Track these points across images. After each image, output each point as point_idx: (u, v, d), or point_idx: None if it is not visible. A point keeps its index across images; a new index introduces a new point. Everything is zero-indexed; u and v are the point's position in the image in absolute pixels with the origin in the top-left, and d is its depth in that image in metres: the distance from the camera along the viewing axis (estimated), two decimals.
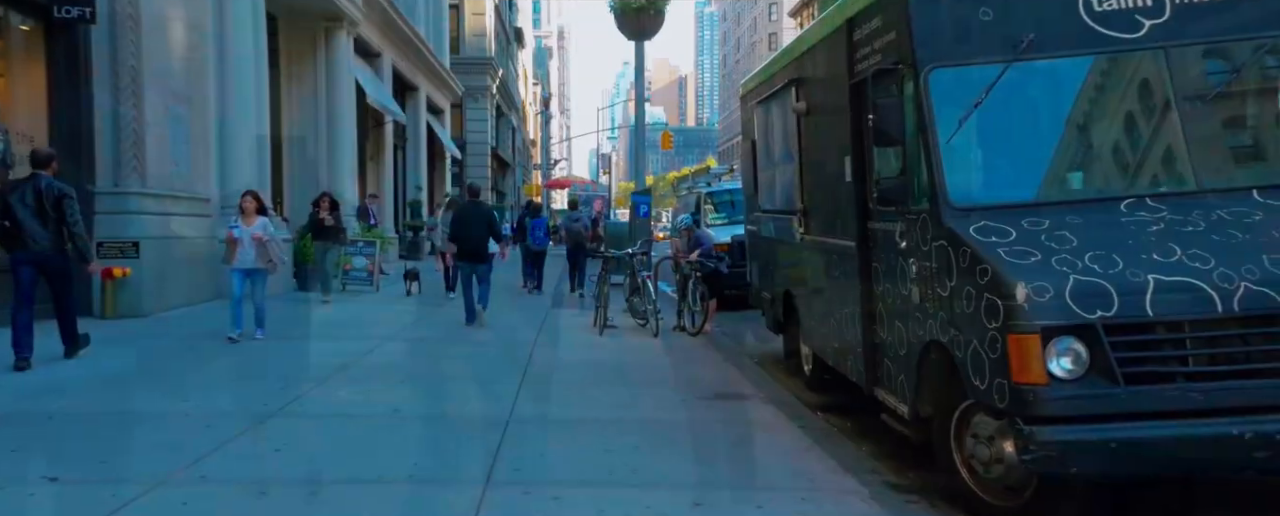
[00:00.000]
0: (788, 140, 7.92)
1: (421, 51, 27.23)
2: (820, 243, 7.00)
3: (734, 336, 12.02)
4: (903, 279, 5.14)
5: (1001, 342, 3.93)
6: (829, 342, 7.01)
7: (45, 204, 7.41)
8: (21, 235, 7.38)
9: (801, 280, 7.77)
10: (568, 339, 10.73)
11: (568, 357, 9.30)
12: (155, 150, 11.59)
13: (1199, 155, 4.53)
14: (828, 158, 6.71)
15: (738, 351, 10.42)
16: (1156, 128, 4.69)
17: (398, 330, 10.86)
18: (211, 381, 7.46)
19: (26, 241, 7.39)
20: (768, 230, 9.09)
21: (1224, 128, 4.88)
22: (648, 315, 11.53)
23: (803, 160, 7.46)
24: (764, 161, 9.06)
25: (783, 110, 8.02)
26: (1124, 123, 4.82)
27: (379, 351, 9.25)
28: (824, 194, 6.84)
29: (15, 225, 7.36)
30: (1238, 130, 4.95)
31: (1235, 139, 4.93)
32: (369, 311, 12.85)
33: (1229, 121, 4.91)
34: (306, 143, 19.22)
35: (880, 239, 5.56)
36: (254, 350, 9.05)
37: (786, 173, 8.02)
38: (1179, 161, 4.58)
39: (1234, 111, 4.90)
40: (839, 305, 6.56)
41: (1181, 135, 4.54)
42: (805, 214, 7.46)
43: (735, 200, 16.82)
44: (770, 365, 9.72)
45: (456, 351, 9.46)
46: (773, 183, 8.69)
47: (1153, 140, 4.72)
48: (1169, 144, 4.62)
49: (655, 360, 9.37)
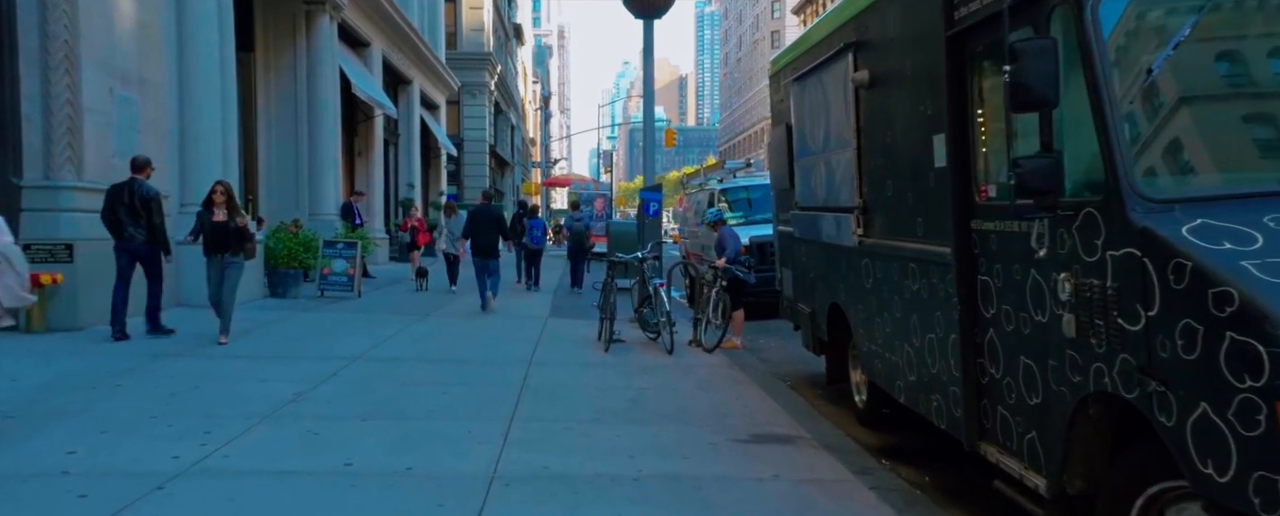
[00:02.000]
0: (839, 121, 6.45)
1: (414, 42, 25.74)
2: (889, 247, 5.52)
3: (756, 351, 10.55)
4: (1040, 300, 3.67)
5: (1267, 413, 2.45)
6: (899, 373, 5.53)
7: (137, 204, 9.14)
8: (120, 229, 9.15)
9: (857, 293, 6.29)
10: (569, 356, 9.25)
11: (569, 381, 7.83)
12: (95, 138, 10.11)
13: None
14: (903, 139, 5.23)
15: (765, 372, 8.94)
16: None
17: (370, 345, 9.37)
18: (120, 420, 5.98)
19: (124, 234, 9.16)
20: (808, 231, 7.61)
21: None
22: (660, 328, 10.06)
23: (862, 144, 5.99)
24: (803, 149, 7.59)
25: (833, 84, 6.54)
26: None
27: (344, 374, 7.77)
28: (896, 185, 5.36)
29: (116, 220, 9.14)
30: None
31: None
32: (344, 322, 11.36)
33: None
34: (285, 135, 17.75)
35: (996, 244, 4.09)
36: (190, 372, 7.57)
37: (837, 161, 6.54)
38: None
39: None
40: (919, 328, 5.09)
41: None
42: (865, 211, 5.98)
43: (753, 198, 15.36)
44: (806, 389, 8.24)
45: (434, 373, 7.98)
46: (816, 174, 7.21)
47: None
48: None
49: (671, 384, 7.90)
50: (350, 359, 8.51)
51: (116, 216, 9.12)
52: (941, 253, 4.62)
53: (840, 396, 7.68)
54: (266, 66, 17.54)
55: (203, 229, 9.30)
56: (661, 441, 5.79)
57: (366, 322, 11.36)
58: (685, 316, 11.62)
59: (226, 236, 9.24)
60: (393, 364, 8.38)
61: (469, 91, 40.05)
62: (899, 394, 5.59)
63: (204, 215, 9.31)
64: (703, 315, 10.39)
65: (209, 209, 9.30)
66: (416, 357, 8.79)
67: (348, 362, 8.31)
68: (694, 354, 9.73)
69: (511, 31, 54.72)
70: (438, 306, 13.68)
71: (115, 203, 9.12)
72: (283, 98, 17.76)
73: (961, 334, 4.42)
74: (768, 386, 8.00)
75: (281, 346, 9.31)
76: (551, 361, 8.85)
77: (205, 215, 9.30)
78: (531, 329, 11.25)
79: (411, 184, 26.95)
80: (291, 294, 13.86)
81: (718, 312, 10.11)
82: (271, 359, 8.44)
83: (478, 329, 11.26)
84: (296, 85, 17.82)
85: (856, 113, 6.01)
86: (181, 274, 12.05)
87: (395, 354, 8.98)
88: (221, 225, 9.25)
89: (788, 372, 9.21)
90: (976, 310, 4.32)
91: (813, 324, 7.75)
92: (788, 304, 8.87)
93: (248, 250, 9.45)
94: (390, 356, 8.82)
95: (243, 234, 9.35)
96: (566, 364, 8.75)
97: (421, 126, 28.86)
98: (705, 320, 10.35)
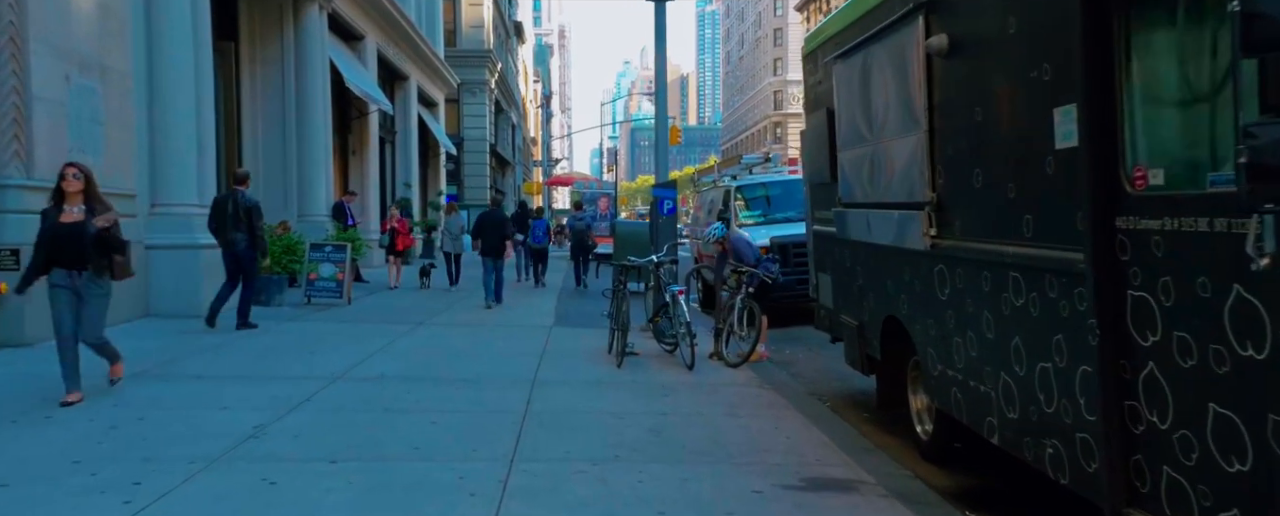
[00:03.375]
0: (902, 100, 5.40)
1: (411, 36, 24.68)
2: (978, 252, 4.47)
3: (784, 364, 9.50)
4: (1254, 329, 2.62)
5: None
6: (989, 407, 4.47)
7: (240, 213, 10.13)
8: (225, 235, 10.15)
9: (926, 305, 5.24)
10: (577, 372, 8.21)
11: (578, 404, 6.78)
12: (47, 131, 9.07)
13: None
14: (1001, 116, 4.18)
15: (799, 390, 7.90)
16: None
17: (353, 362, 8.33)
18: (33, 467, 4.94)
19: (228, 241, 10.14)
20: (855, 231, 6.56)
21: None
22: (678, 339, 9.02)
23: (937, 126, 4.94)
24: (850, 137, 6.53)
25: (894, 57, 5.49)
26: None
27: (319, 399, 6.72)
28: (989, 175, 4.31)
29: (221, 227, 10.16)
30: None
31: None
32: (329, 333, 10.32)
33: None
34: (272, 132, 16.70)
35: (1163, 248, 3.04)
36: (140, 398, 6.52)
37: (899, 148, 5.49)
38: None
39: None
40: (1025, 354, 4.03)
41: None
42: (939, 208, 4.94)
43: (771, 195, 14.32)
44: (849, 413, 7.19)
45: (423, 396, 6.92)
46: (868, 164, 6.16)
47: None
48: None
49: (697, 407, 6.86)
50: (329, 379, 7.46)
51: (221, 223, 10.19)
52: (1065, 259, 3.57)
53: (893, 421, 6.63)
54: (251, 58, 16.49)
55: (45, 236, 6.30)
56: (695, 489, 4.74)
57: (353, 334, 10.31)
58: (703, 326, 10.58)
59: (80, 245, 6.21)
60: (377, 385, 7.33)
61: (469, 89, 39.05)
62: (990, 433, 4.53)
63: (50, 213, 6.35)
64: (725, 325, 9.34)
65: (57, 204, 6.35)
66: (404, 377, 7.73)
67: (325, 384, 7.26)
68: (717, 369, 8.69)
69: (512, 29, 53.68)
70: (433, 313, 12.64)
71: (220, 212, 10.24)
72: (269, 91, 16.71)
73: (1101, 366, 3.36)
74: (807, 410, 6.95)
75: (252, 364, 8.26)
76: (558, 380, 7.80)
77: (51, 213, 6.34)
78: (534, 340, 10.20)
79: (408, 183, 25.91)
80: (274, 302, 12.79)
81: (744, 322, 9.06)
82: (238, 380, 7.39)
83: (475, 340, 10.22)
84: (284, 78, 16.78)
85: (929, 88, 4.96)
86: (151, 278, 11.03)
87: (381, 372, 7.92)
88: (73, 229, 6.22)
89: (824, 390, 8.17)
90: (1126, 336, 3.27)
91: (860, 339, 6.70)
92: (826, 314, 7.82)
93: (116, 267, 6.42)
94: (375, 375, 7.77)
95: (107, 241, 6.33)
96: (575, 383, 7.70)
97: (419, 124, 27.82)
98: (727, 330, 9.30)
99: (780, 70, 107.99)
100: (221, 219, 10.19)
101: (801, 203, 14.33)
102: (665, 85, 11.32)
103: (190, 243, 11.24)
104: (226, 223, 10.16)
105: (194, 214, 11.56)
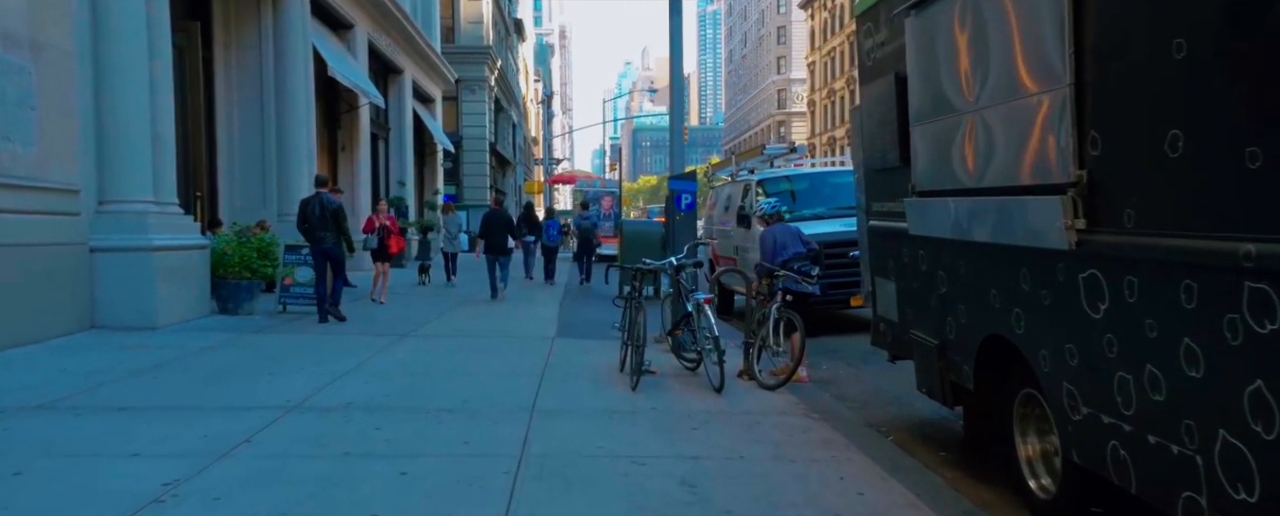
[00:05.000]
0: (1026, 47, 4.02)
1: (404, 27, 23.30)
2: (1174, 250, 3.09)
3: (825, 383, 8.13)
4: None
5: None
6: (1198, 480, 3.09)
7: (326, 214, 10.99)
8: (314, 234, 11.04)
9: (1064, 323, 3.86)
10: (585, 398, 6.83)
11: (588, 445, 5.40)
12: None
13: None
14: (1222, 56, 2.81)
15: (853, 419, 6.52)
16: None
17: (317, 385, 6.96)
18: None
19: (317, 238, 11.03)
20: (936, 223, 5.18)
21: None
22: (702, 356, 7.65)
23: (1090, 77, 3.56)
24: (932, 105, 5.15)
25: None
26: None
27: (260, 441, 5.35)
28: (1201, 135, 2.94)
29: (310, 227, 11.05)
30: None
31: None
32: (297, 347, 8.96)
33: None
34: (250, 124, 15.33)
35: None
36: (33, 438, 5.15)
37: (1018, 112, 4.12)
38: None
39: None
40: (1274, 403, 2.66)
41: None
42: (1093, 189, 3.56)
43: (797, 189, 12.92)
44: (922, 450, 5.82)
45: (394, 433, 5.54)
46: (962, 138, 4.77)
47: None
48: None
49: (736, 446, 5.48)
50: (280, 410, 6.09)
51: (310, 223, 11.01)
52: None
53: (981, 463, 5.26)
54: (225, 43, 15.11)
55: None
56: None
57: (325, 348, 8.94)
58: (730, 340, 9.18)
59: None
60: (339, 418, 5.95)
61: (468, 87, 37.73)
62: (1180, 512, 3.14)
63: None
64: (756, 338, 7.95)
65: None
66: (375, 406, 6.35)
67: (275, 417, 5.88)
68: (749, 391, 7.32)
69: (512, 26, 52.28)
70: (420, 322, 11.28)
71: (308, 213, 11.07)
72: (246, 79, 15.33)
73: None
74: (873, 450, 5.56)
75: (195, 389, 6.88)
76: (562, 409, 6.42)
77: None
78: (534, 355, 8.82)
79: (402, 182, 24.54)
80: (244, 310, 11.45)
81: (780, 336, 7.68)
82: (168, 412, 6.01)
83: (467, 355, 8.85)
84: (262, 65, 15.40)
85: (1076, 25, 3.59)
86: (97, 285, 9.67)
87: (348, 399, 6.54)
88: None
89: (881, 418, 6.79)
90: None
91: (942, 362, 5.31)
92: (886, 329, 6.44)
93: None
94: (339, 403, 6.39)
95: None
96: (583, 413, 6.32)
97: (415, 121, 26.46)
98: (758, 344, 7.92)
99: (784, 69, 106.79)
100: (310, 220, 11.00)
101: (830, 198, 13.03)
102: (681, 61, 9.95)
103: (143, 244, 9.88)
104: (315, 223, 10.98)
105: (150, 212, 10.21)
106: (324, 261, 11.12)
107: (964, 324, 4.96)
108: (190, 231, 11.12)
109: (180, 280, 10.44)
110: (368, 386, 7.06)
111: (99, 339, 8.97)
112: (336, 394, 6.72)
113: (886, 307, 6.36)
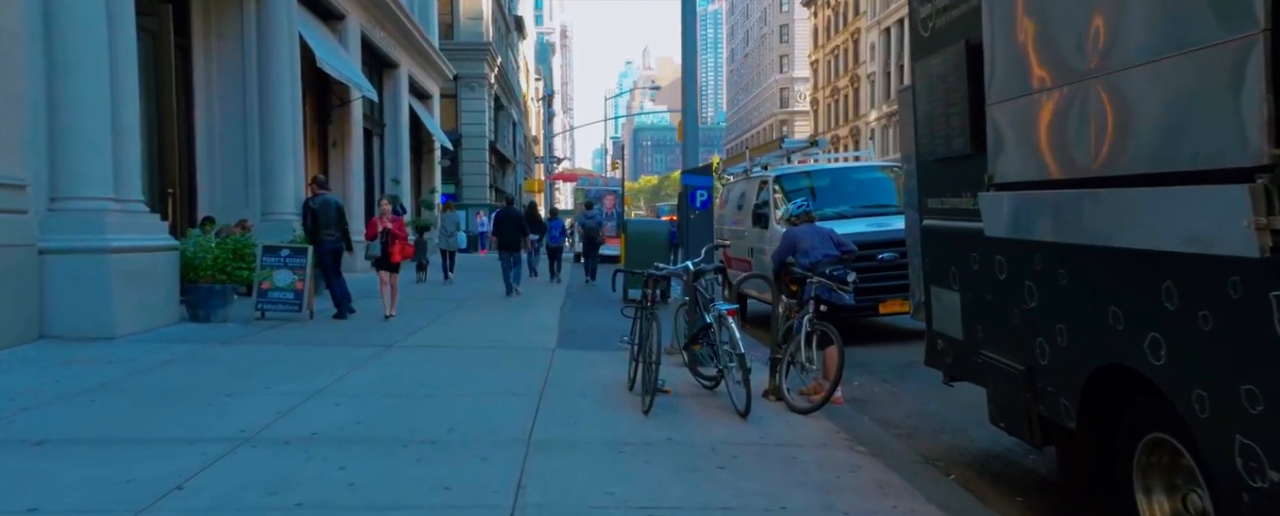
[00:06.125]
0: None
1: (400, 19, 22.32)
2: None
3: (858, 401, 7.17)
4: None
5: None
6: None
7: (330, 212, 11.41)
8: (321, 232, 11.32)
9: (1245, 356, 2.89)
10: (591, 426, 5.86)
11: (594, 490, 4.44)
12: None
13: None
14: None
15: (904, 451, 5.56)
16: None
17: (281, 409, 6.00)
18: None
19: (324, 236, 11.32)
20: (1025, 223, 4.21)
21: None
22: (723, 373, 6.69)
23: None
24: (1024, 76, 4.18)
25: None
26: None
27: (194, 488, 4.38)
28: None
29: (316, 226, 11.31)
30: None
31: None
32: (267, 361, 7.99)
33: None
34: (231, 117, 14.36)
35: None
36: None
37: (1167, 76, 3.15)
38: None
39: None
40: None
41: None
42: None
43: (817, 186, 11.94)
44: (988, 491, 4.86)
45: (360, 477, 4.58)
46: (1071, 114, 3.80)
47: None
48: None
49: (773, 490, 4.51)
50: (230, 443, 5.12)
51: (316, 222, 11.19)
52: None
53: (1073, 512, 4.30)
54: (205, 30, 14.15)
55: None
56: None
57: (299, 361, 7.98)
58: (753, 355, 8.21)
59: None
60: (300, 454, 4.98)
61: (467, 84, 36.79)
62: None
63: None
64: (783, 353, 6.99)
65: None
66: (345, 437, 5.38)
67: (221, 454, 4.91)
68: (779, 415, 6.35)
69: (512, 23, 51.29)
70: (409, 330, 10.32)
71: (316, 212, 11.23)
72: (227, 69, 14.35)
73: None
74: (937, 493, 4.60)
75: (135, 415, 5.89)
76: (564, 439, 5.45)
77: None
78: (533, 369, 7.85)
79: (397, 179, 23.55)
80: (217, 317, 10.48)
81: (814, 350, 6.71)
82: (93, 447, 5.04)
83: (456, 370, 7.88)
84: (244, 54, 14.42)
85: None
86: (46, 290, 8.71)
87: (314, 427, 5.57)
88: None
89: (933, 449, 5.83)
90: None
91: (1028, 393, 4.34)
92: (947, 347, 5.46)
93: None
94: (303, 433, 5.42)
95: None
96: (588, 446, 5.35)
97: (411, 117, 25.49)
98: (786, 359, 6.96)
99: (786, 67, 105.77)
100: (318, 219, 11.14)
101: (853, 196, 12.07)
102: (695, 43, 8.99)
103: (99, 245, 8.92)
104: (321, 220, 11.12)
105: (108, 210, 9.25)
106: (330, 258, 11.31)
107: (1064, 347, 3.98)
108: (156, 231, 10.14)
109: (143, 285, 9.48)
110: (339, 410, 6.09)
111: (43, 351, 8.01)
112: (302, 420, 5.75)
113: (946, 323, 5.39)
